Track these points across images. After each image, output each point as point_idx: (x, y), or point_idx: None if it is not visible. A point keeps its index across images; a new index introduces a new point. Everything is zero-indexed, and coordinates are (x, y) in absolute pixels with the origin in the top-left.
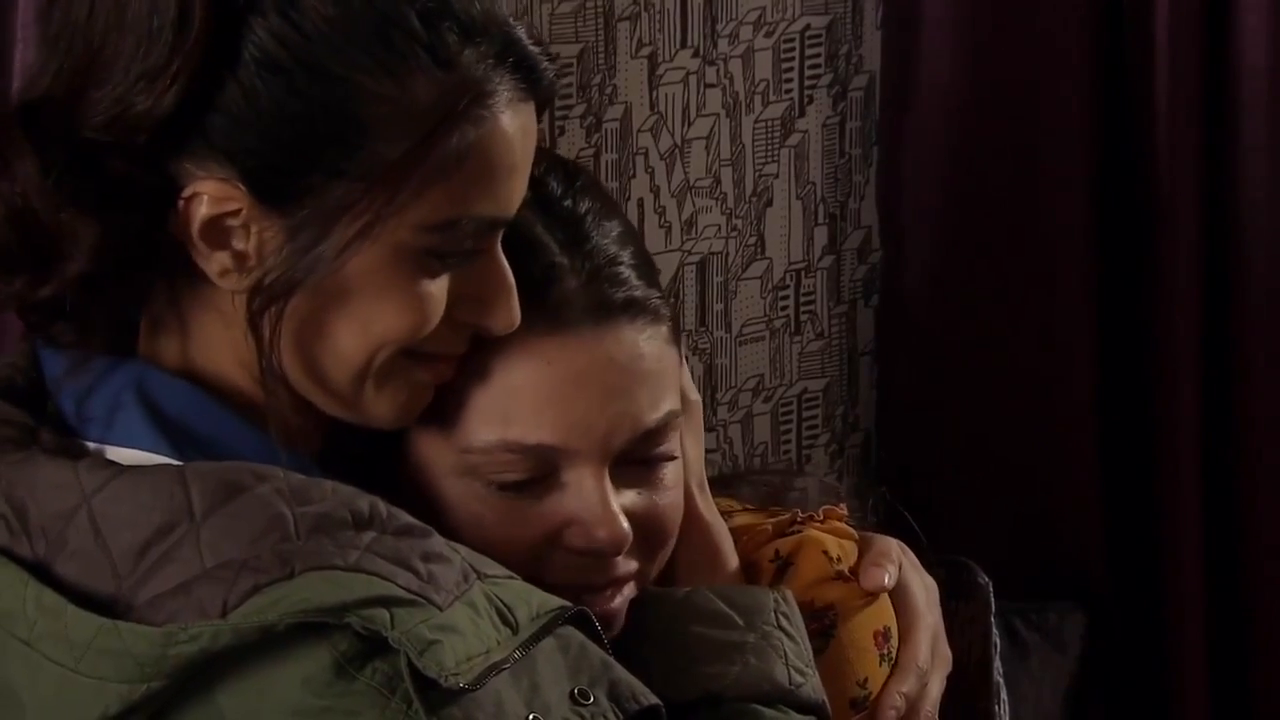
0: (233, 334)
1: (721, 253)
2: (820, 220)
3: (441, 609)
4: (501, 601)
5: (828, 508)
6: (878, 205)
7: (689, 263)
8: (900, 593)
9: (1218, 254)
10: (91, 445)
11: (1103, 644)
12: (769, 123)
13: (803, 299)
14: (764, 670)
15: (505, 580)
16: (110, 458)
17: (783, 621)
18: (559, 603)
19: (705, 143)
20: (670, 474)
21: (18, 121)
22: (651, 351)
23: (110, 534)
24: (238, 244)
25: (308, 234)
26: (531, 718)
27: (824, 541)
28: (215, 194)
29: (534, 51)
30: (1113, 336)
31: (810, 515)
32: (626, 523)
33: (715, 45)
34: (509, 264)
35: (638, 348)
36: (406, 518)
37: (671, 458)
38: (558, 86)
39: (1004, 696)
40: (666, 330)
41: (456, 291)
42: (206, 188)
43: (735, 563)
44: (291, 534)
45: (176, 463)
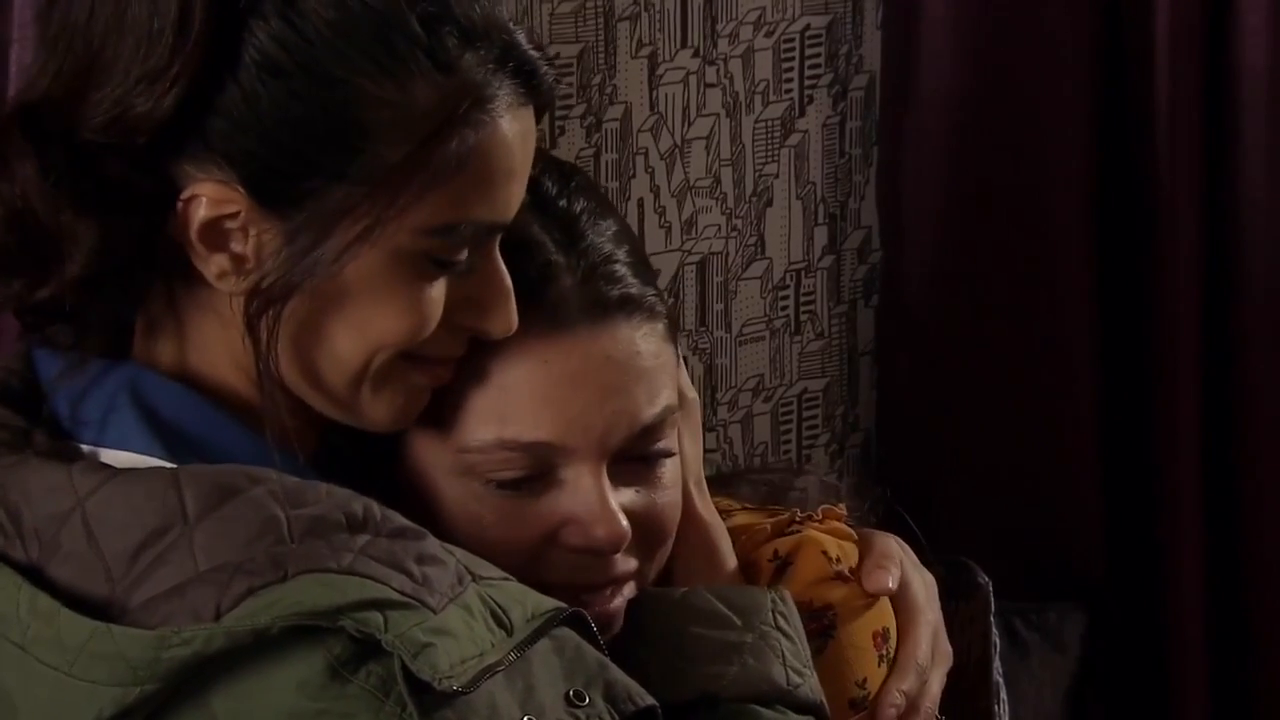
0: (230, 336)
1: (721, 253)
2: (820, 220)
3: (435, 612)
4: (496, 603)
5: (826, 507)
6: (878, 205)
7: (689, 263)
8: (899, 590)
9: (1218, 254)
10: (85, 448)
11: (1103, 644)
12: (769, 123)
13: (803, 299)
14: (761, 671)
15: (500, 582)
16: (104, 460)
17: (780, 622)
18: (554, 604)
19: (705, 143)
20: (668, 472)
21: (17, 123)
22: (648, 349)
23: (104, 537)
24: (236, 246)
25: (307, 237)
26: (526, 719)
27: (823, 542)
28: (214, 196)
29: (534, 56)
30: (1113, 336)
31: (809, 515)
32: (625, 520)
33: (715, 45)
34: (505, 264)
35: (634, 345)
36: (401, 520)
37: (669, 454)
38: (557, 91)
39: (1004, 696)
40: (663, 327)
41: (454, 295)
42: (205, 190)
43: (733, 562)
44: (285, 537)
45: (170, 465)
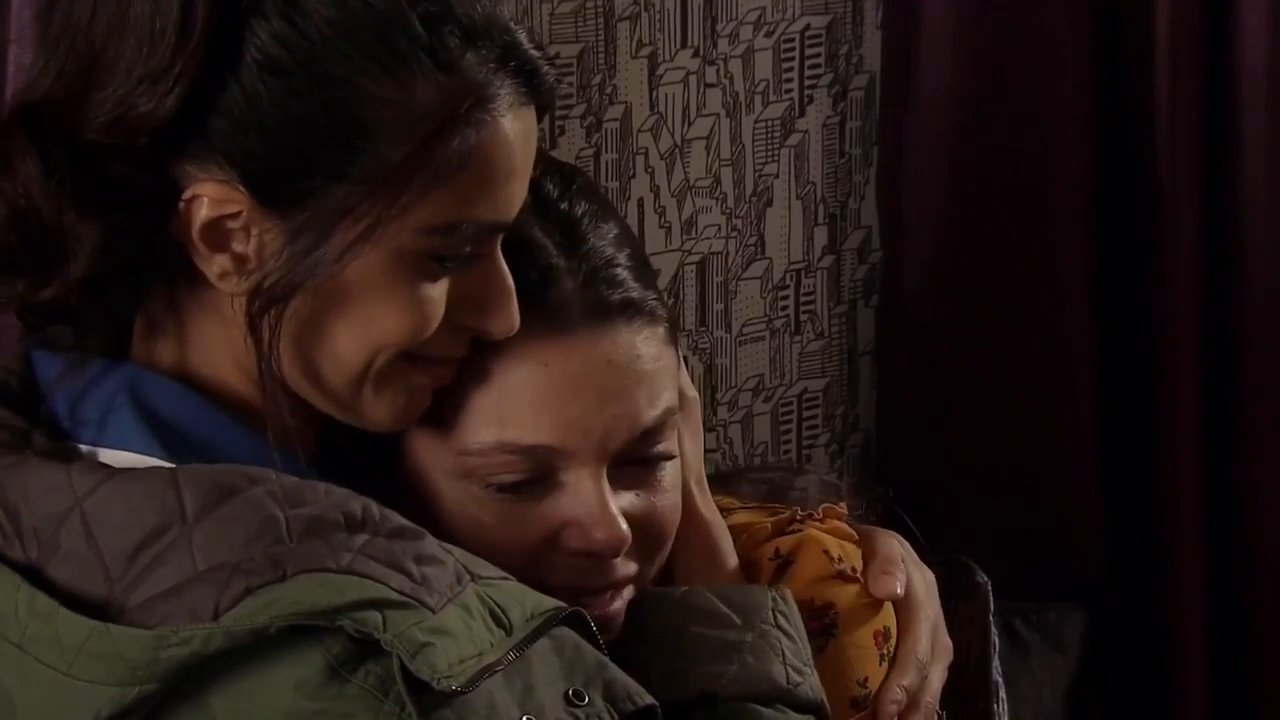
0: (231, 336)
1: (721, 253)
2: (820, 220)
3: (434, 611)
4: (495, 603)
5: (827, 506)
6: (878, 205)
7: (689, 263)
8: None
9: (1218, 254)
10: (84, 448)
11: (1103, 644)
12: (769, 123)
13: (803, 299)
14: (761, 670)
15: (499, 582)
16: (103, 460)
17: (781, 621)
18: (553, 604)
19: (705, 143)
20: (669, 475)
21: (19, 123)
22: (649, 352)
23: (102, 537)
24: (238, 246)
25: (308, 237)
26: (525, 719)
27: (824, 541)
28: (216, 196)
29: (535, 56)
30: (1113, 336)
31: (810, 514)
32: (625, 524)
33: (715, 45)
34: (507, 266)
35: (635, 349)
36: (400, 520)
37: (670, 457)
38: (559, 91)
39: (1003, 696)
40: (663, 331)
41: (456, 295)
42: (207, 190)
43: (734, 561)
44: (284, 536)
45: (169, 465)
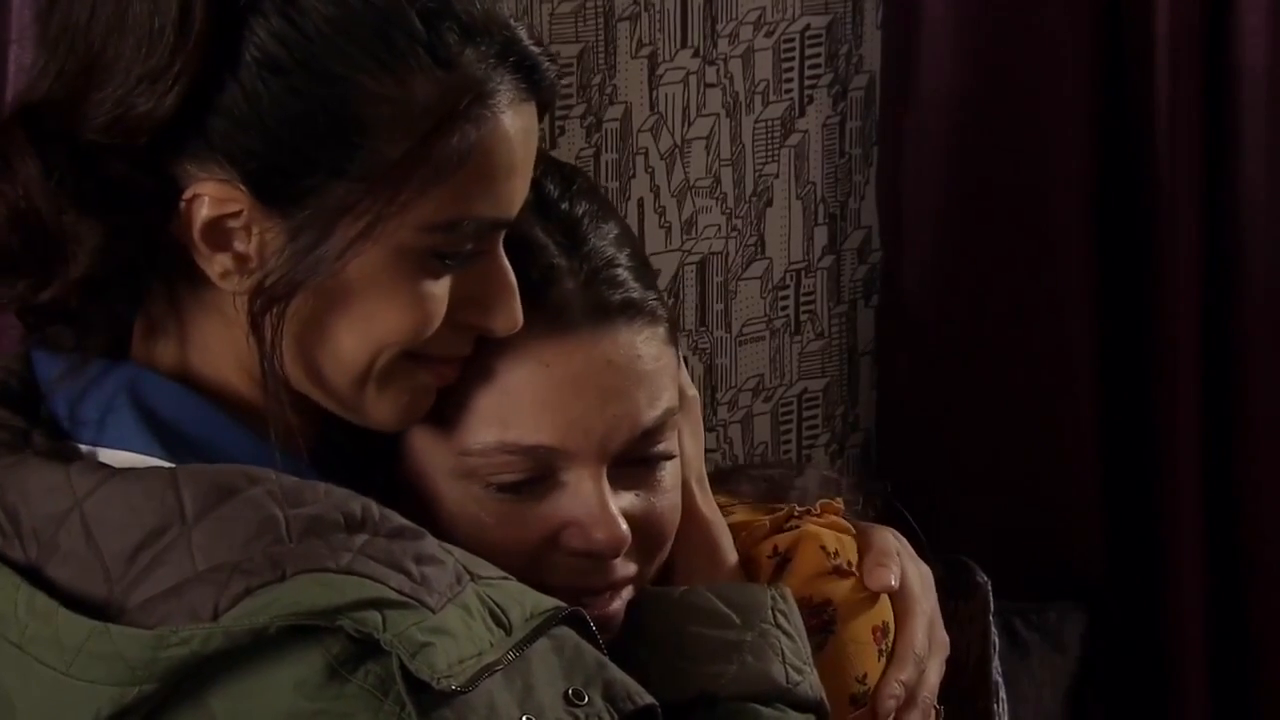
0: (233, 335)
1: (721, 253)
2: (820, 220)
3: (434, 611)
4: (495, 603)
5: (824, 502)
6: (878, 205)
7: (689, 263)
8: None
9: (1218, 254)
10: (84, 448)
11: (1103, 644)
12: (769, 123)
13: (803, 299)
14: (761, 669)
15: (499, 581)
16: (102, 460)
17: (780, 620)
18: (553, 604)
19: (705, 143)
20: (668, 475)
21: (19, 124)
22: (649, 353)
23: (102, 537)
24: (239, 245)
25: (309, 235)
26: (525, 719)
27: (821, 536)
28: (216, 195)
29: (535, 52)
30: (1113, 336)
31: (807, 510)
32: (625, 524)
33: (715, 45)
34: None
35: (635, 349)
36: (399, 520)
37: (670, 456)
38: (559, 87)
39: (1003, 695)
40: (664, 331)
41: (459, 293)
42: (207, 189)
43: (734, 559)
44: (283, 536)
45: (169, 465)
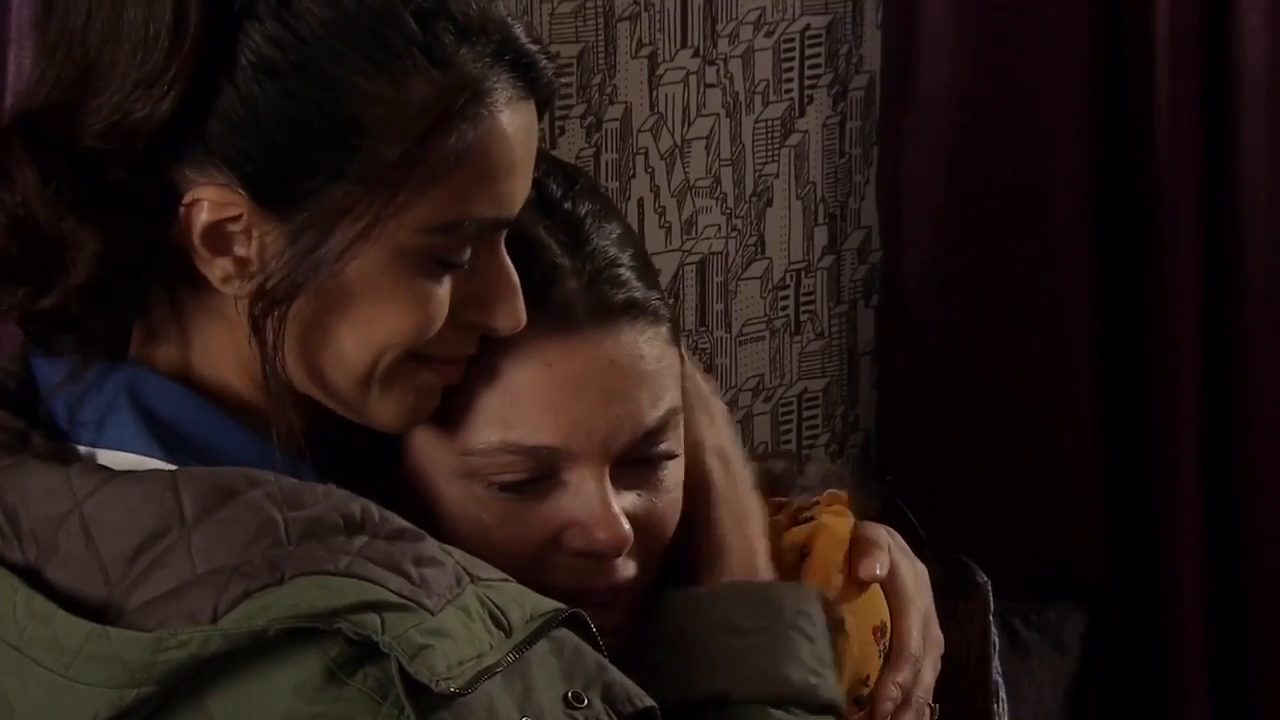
0: (235, 338)
1: (721, 253)
2: (820, 220)
3: (433, 613)
4: (494, 604)
5: (832, 493)
6: (878, 205)
7: (689, 263)
8: (889, 578)
9: (1218, 254)
10: (83, 449)
11: (1103, 644)
12: (769, 123)
13: (803, 299)
14: (777, 671)
15: (499, 583)
16: (102, 462)
17: (800, 620)
18: (553, 605)
19: (705, 143)
20: (670, 475)
21: (17, 131)
22: (652, 353)
23: (101, 539)
24: (239, 249)
25: (309, 237)
26: None
27: (836, 530)
28: (216, 199)
29: (532, 50)
30: (1113, 336)
31: (815, 501)
32: (627, 524)
33: (715, 45)
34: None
35: (638, 349)
36: (399, 521)
37: (672, 456)
38: (558, 85)
39: (1003, 696)
40: (666, 331)
41: (461, 293)
42: (207, 193)
43: (761, 552)
44: (282, 539)
45: (168, 467)
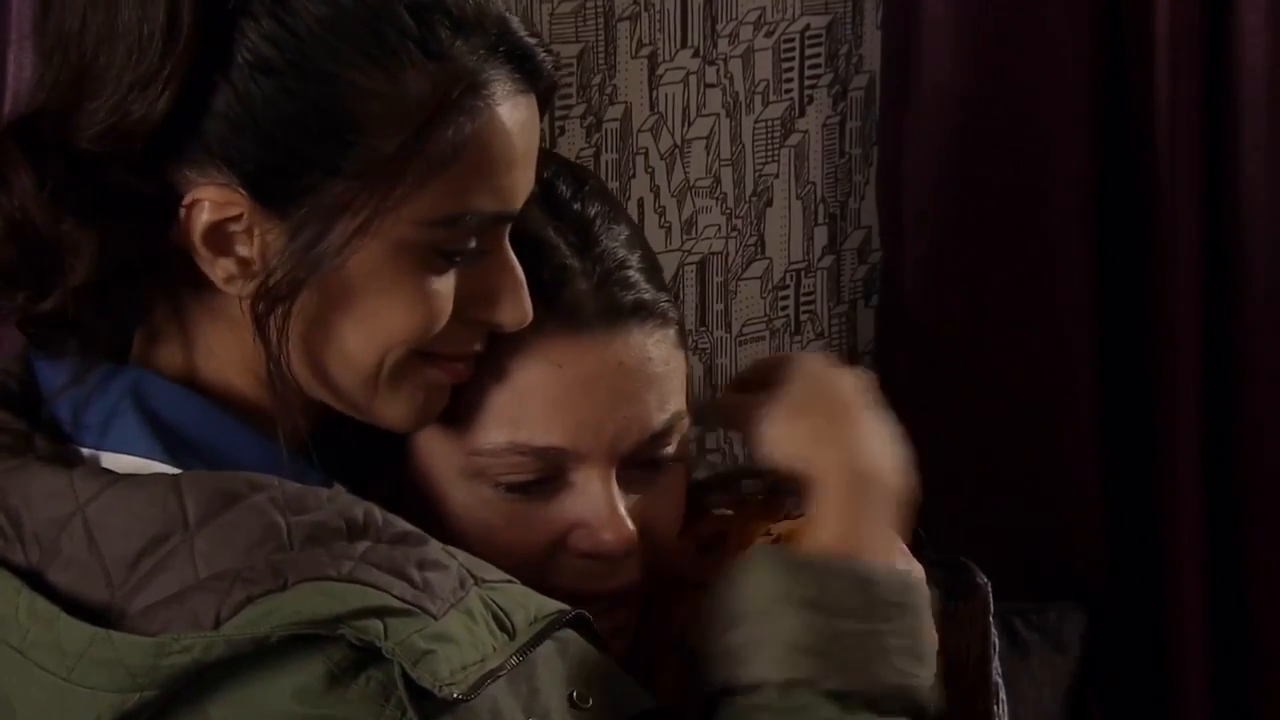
0: (240, 339)
1: (721, 253)
2: (820, 220)
3: (436, 618)
4: (499, 607)
5: None
6: (878, 205)
7: (689, 263)
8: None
9: (1218, 254)
10: (86, 452)
11: (1103, 644)
12: (769, 123)
13: (803, 299)
14: (867, 665)
15: (503, 585)
16: (105, 465)
17: (895, 614)
18: (558, 606)
19: (705, 143)
20: (674, 479)
21: (13, 135)
22: (659, 355)
23: (104, 543)
24: (241, 249)
25: (308, 233)
26: None
27: None
28: (216, 199)
29: (530, 43)
30: (1113, 336)
31: (802, 513)
32: (632, 525)
33: (715, 45)
34: (521, 266)
35: (646, 351)
36: (403, 525)
37: (676, 460)
38: (558, 78)
39: (1003, 696)
40: (674, 333)
41: (466, 289)
42: (207, 194)
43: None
44: (285, 544)
45: (171, 469)
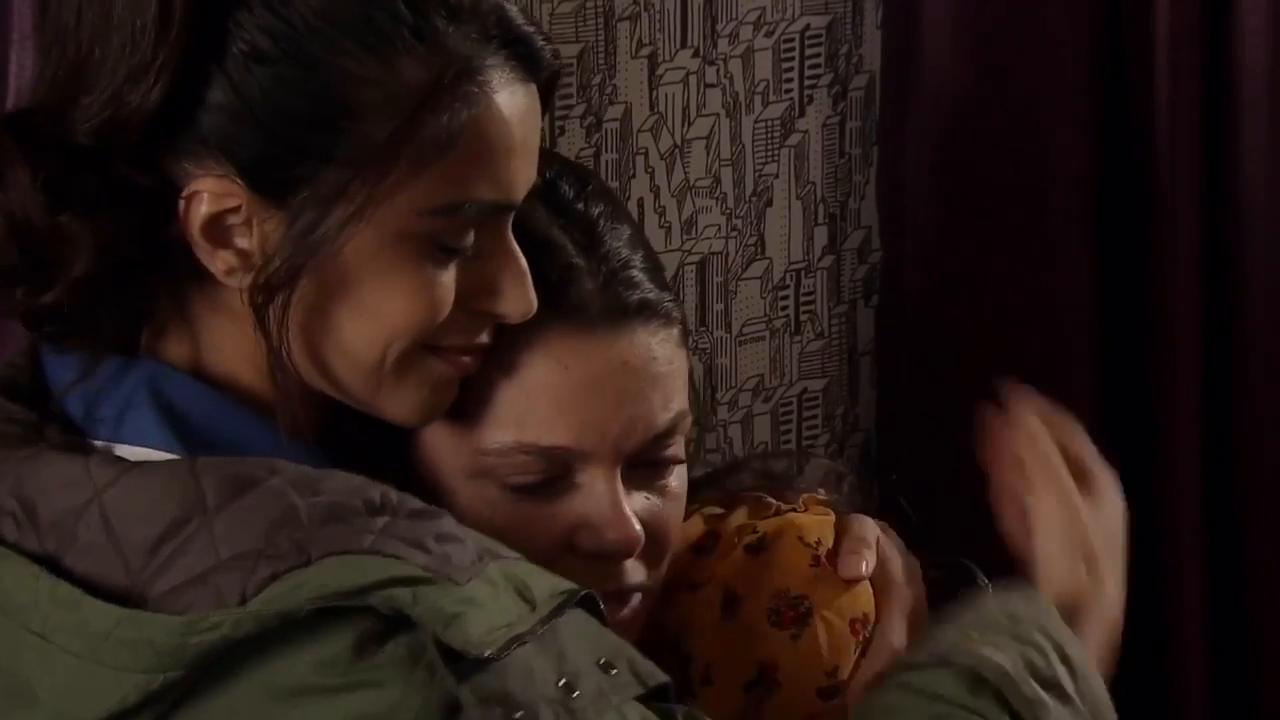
0: (243, 331)
1: (721, 253)
2: (820, 220)
3: (460, 585)
4: (518, 578)
5: (808, 496)
6: (878, 205)
7: (689, 263)
8: (876, 571)
9: (1218, 254)
10: (99, 444)
11: None
12: (769, 123)
13: (803, 299)
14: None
15: (517, 561)
16: (119, 455)
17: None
18: (570, 584)
19: (705, 143)
20: (676, 480)
21: (9, 130)
22: (664, 354)
23: (122, 529)
24: (240, 241)
25: (305, 221)
26: (563, 682)
27: (802, 527)
28: (215, 191)
29: (528, 30)
30: (1113, 336)
31: (792, 507)
32: (638, 525)
33: (715, 45)
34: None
35: (650, 351)
36: (417, 502)
37: (679, 460)
38: (558, 67)
39: None
40: (677, 333)
41: (469, 281)
42: (205, 185)
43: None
44: (305, 523)
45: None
